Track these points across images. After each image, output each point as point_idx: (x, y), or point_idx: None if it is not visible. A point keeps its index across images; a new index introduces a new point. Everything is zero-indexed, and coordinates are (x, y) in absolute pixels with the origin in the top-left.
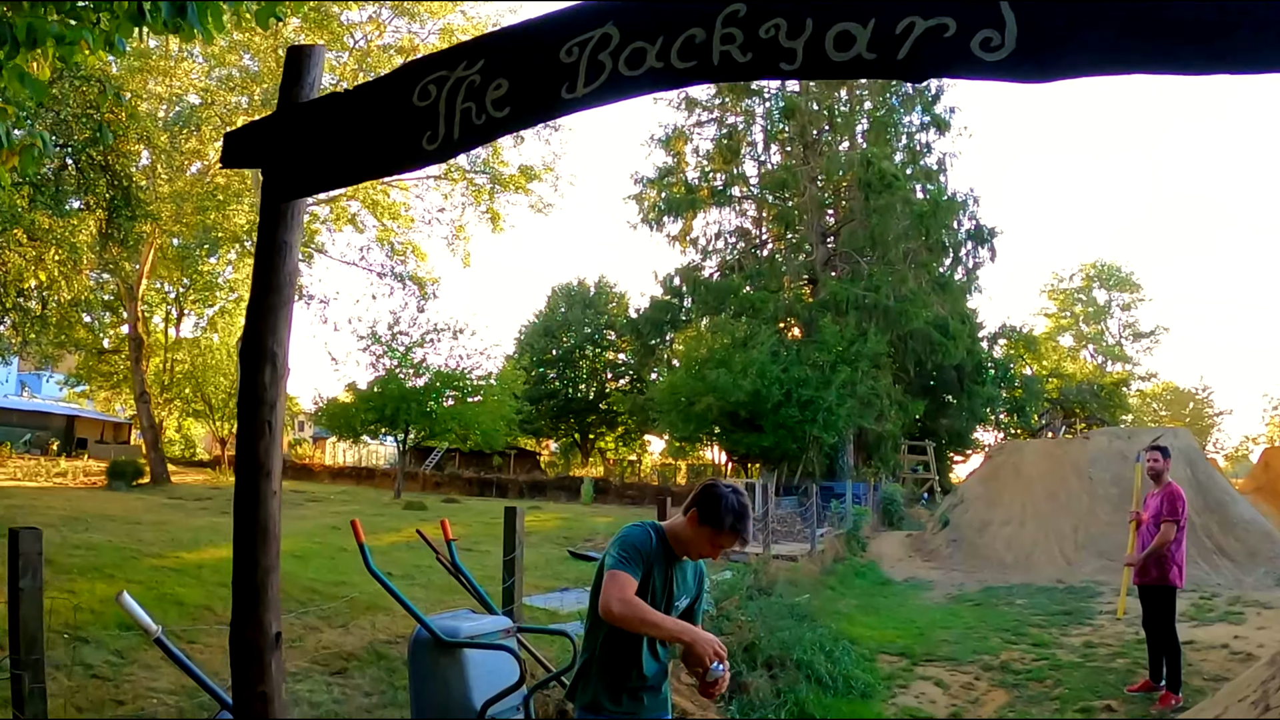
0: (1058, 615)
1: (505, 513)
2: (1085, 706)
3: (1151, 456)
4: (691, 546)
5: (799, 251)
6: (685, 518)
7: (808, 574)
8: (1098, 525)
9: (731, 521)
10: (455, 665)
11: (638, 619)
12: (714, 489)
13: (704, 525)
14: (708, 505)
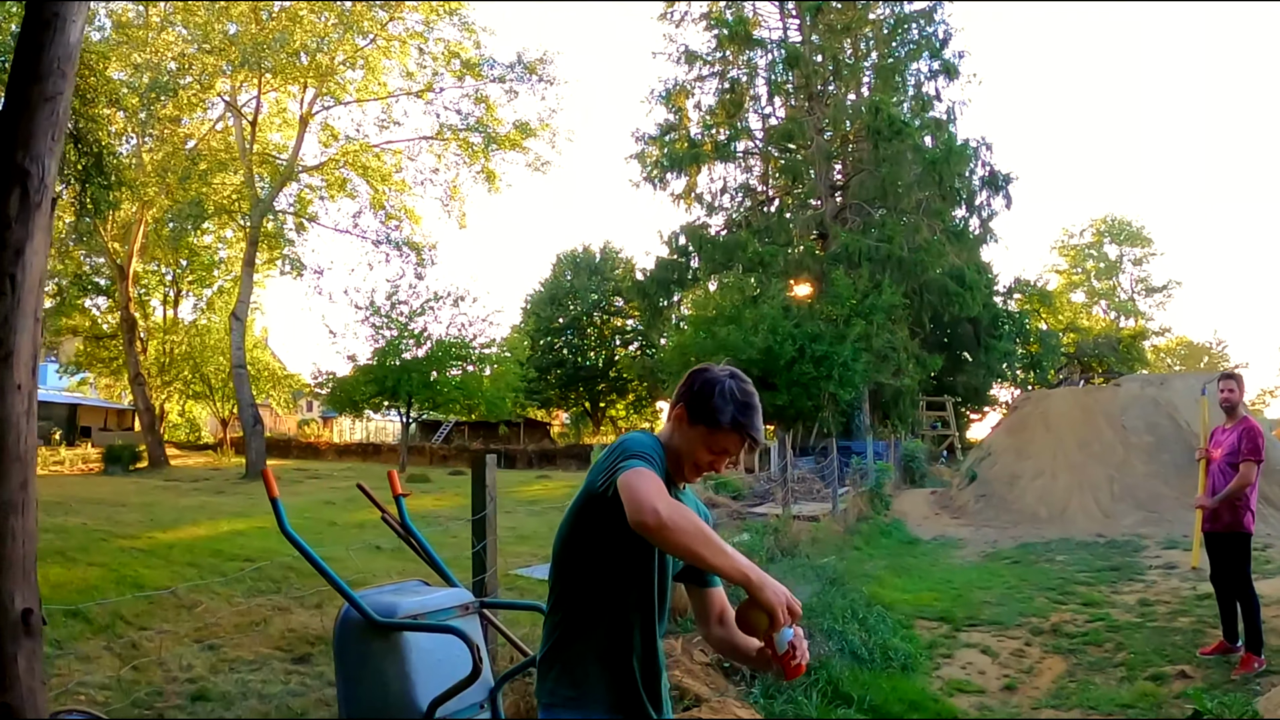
0: (1104, 571)
1: (473, 464)
2: (1156, 674)
3: (1226, 386)
4: (683, 460)
5: (807, 205)
6: (670, 419)
7: (831, 534)
8: (1134, 476)
9: (733, 414)
10: (393, 653)
11: (693, 532)
12: (705, 372)
13: (696, 424)
14: (699, 395)
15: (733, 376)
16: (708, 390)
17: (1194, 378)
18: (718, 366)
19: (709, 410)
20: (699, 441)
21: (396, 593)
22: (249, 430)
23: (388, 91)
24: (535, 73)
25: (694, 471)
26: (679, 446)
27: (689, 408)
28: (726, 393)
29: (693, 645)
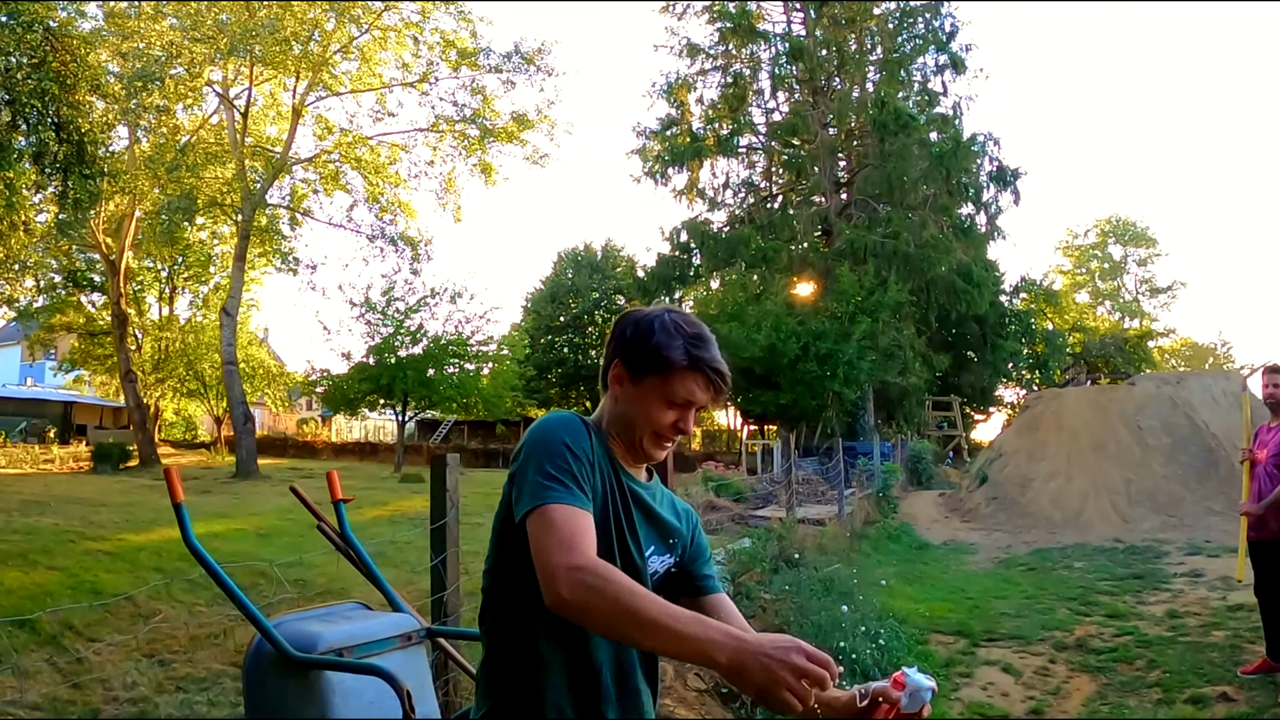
0: (1127, 580)
1: (431, 465)
2: (1195, 695)
3: (1271, 380)
4: (637, 431)
5: (811, 201)
6: (608, 386)
7: (837, 539)
8: (1152, 478)
9: (685, 348)
10: (310, 694)
11: (615, 609)
12: (634, 314)
13: (642, 378)
14: (636, 341)
15: (669, 311)
16: (645, 330)
17: (1210, 377)
18: (647, 308)
19: (654, 354)
20: (652, 399)
21: (324, 619)
22: (240, 428)
23: (382, 82)
24: (533, 63)
25: (655, 442)
26: (627, 416)
27: (628, 361)
28: (669, 326)
29: (687, 669)
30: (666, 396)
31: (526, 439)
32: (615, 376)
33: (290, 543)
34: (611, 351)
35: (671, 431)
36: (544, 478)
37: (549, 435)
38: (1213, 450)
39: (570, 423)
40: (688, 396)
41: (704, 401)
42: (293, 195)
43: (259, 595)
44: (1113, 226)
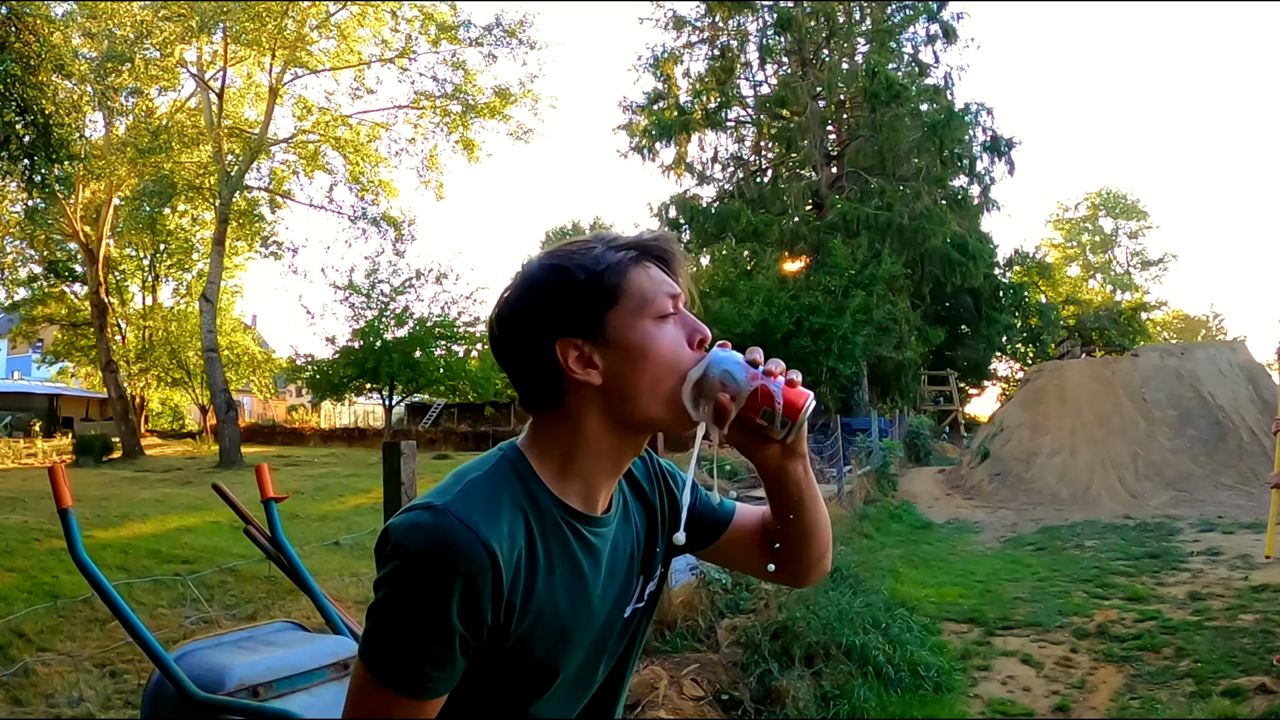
0: (1142, 559)
1: (385, 454)
2: (1231, 687)
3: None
4: (659, 399)
5: (801, 175)
6: (556, 400)
7: (838, 519)
8: (1159, 452)
9: (605, 250)
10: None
11: None
12: (521, 276)
13: (599, 326)
14: (560, 290)
15: (592, 238)
16: (557, 271)
17: (1214, 348)
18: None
19: (597, 277)
20: (643, 335)
21: (242, 646)
22: (222, 417)
23: (361, 59)
24: (515, 36)
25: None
26: (632, 393)
27: (575, 322)
28: (569, 250)
29: (683, 674)
30: (650, 315)
31: (394, 566)
32: (577, 361)
33: None
34: (526, 343)
35: (696, 350)
36: (404, 648)
37: (428, 605)
38: (1220, 423)
39: (456, 567)
40: (666, 290)
41: (681, 289)
42: (272, 177)
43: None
44: (1103, 199)
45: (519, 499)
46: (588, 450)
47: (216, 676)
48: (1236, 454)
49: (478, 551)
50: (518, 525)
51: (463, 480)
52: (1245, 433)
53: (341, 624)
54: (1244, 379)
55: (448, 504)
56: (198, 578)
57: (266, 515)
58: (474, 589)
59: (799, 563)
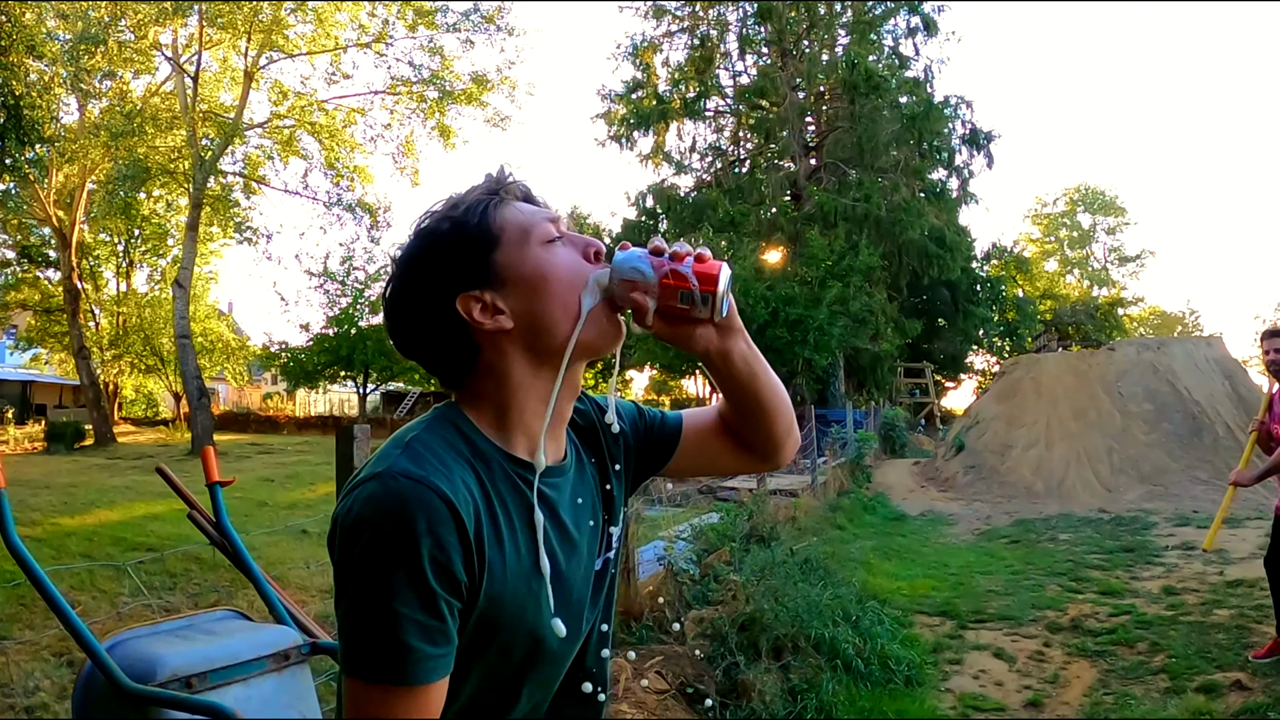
0: (1116, 553)
1: (338, 438)
2: (1206, 684)
3: (1271, 345)
4: (565, 319)
5: (780, 166)
6: (475, 364)
7: (811, 511)
8: (1135, 446)
9: (471, 205)
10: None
11: None
12: (406, 247)
13: (490, 272)
14: (431, 259)
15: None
16: (429, 237)
17: (1191, 343)
18: None
19: (472, 223)
20: (536, 267)
21: (180, 635)
22: (195, 403)
23: (337, 43)
24: (493, 22)
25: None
26: (543, 322)
27: (465, 275)
28: (438, 212)
29: (647, 666)
30: (537, 240)
31: (353, 547)
32: (483, 312)
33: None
34: (425, 318)
35: (595, 263)
36: (388, 631)
37: (399, 574)
38: (1196, 417)
39: (417, 526)
40: (543, 215)
41: (555, 213)
42: (247, 162)
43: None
44: (1081, 195)
45: (464, 451)
46: (522, 399)
47: (149, 666)
48: (1212, 449)
49: (435, 503)
50: (469, 477)
51: (402, 443)
52: (1221, 428)
53: (285, 613)
54: (1220, 374)
55: (391, 467)
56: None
57: (211, 499)
58: (440, 543)
59: (769, 440)
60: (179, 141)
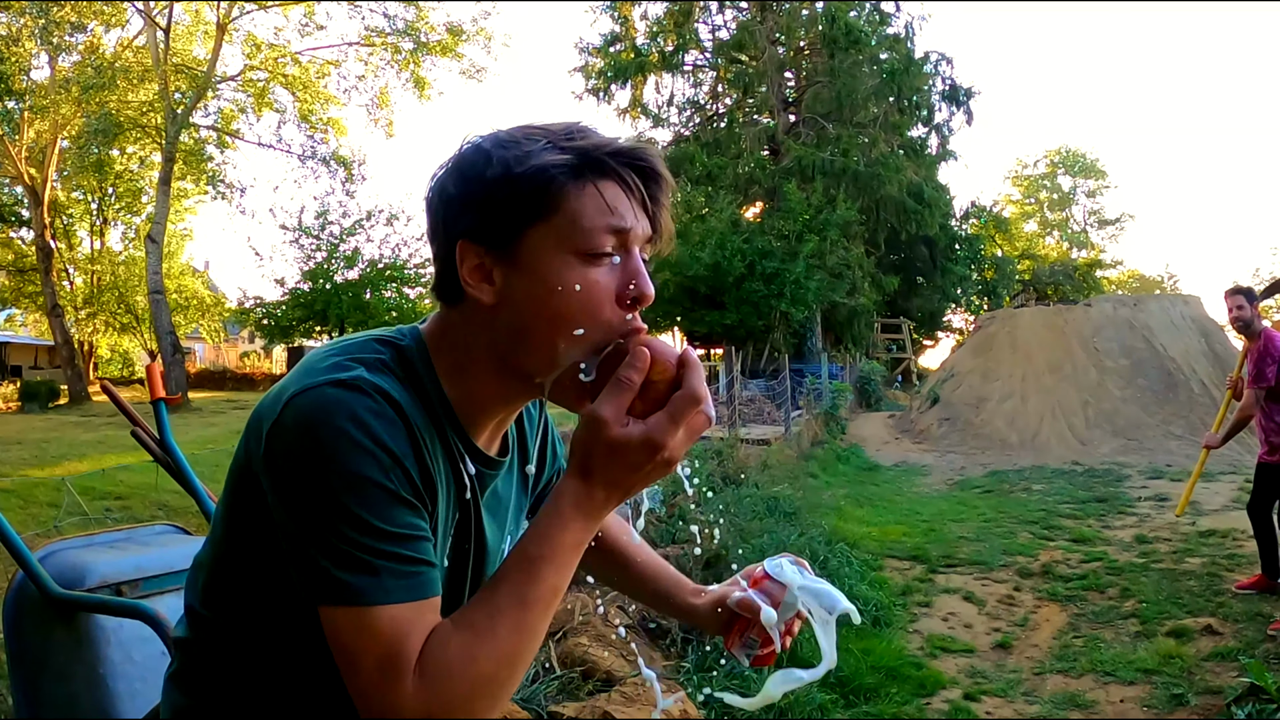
0: (1089, 503)
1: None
2: (1177, 628)
3: (1233, 303)
4: (551, 353)
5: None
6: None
7: (784, 459)
8: (1110, 400)
9: (558, 149)
10: (78, 642)
11: (503, 674)
12: (441, 170)
13: (514, 244)
14: (470, 191)
15: (496, 132)
16: (478, 164)
17: (1167, 300)
18: None
19: (515, 186)
20: (558, 272)
21: (113, 546)
22: (169, 359)
23: None
24: None
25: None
26: (522, 334)
27: (478, 229)
28: (512, 139)
29: (609, 600)
30: (577, 248)
31: (298, 449)
32: (472, 271)
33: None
34: (440, 230)
35: (624, 311)
36: (354, 548)
37: (347, 466)
38: (1171, 374)
39: (370, 424)
40: (611, 224)
41: (645, 233)
42: (220, 116)
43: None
44: (1062, 157)
45: (416, 399)
46: (474, 372)
47: (78, 574)
48: (1187, 405)
49: (380, 399)
50: (417, 414)
51: (347, 353)
52: (1196, 384)
53: None
54: (1197, 332)
55: (326, 378)
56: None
57: (156, 416)
58: (394, 425)
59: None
60: (151, 95)
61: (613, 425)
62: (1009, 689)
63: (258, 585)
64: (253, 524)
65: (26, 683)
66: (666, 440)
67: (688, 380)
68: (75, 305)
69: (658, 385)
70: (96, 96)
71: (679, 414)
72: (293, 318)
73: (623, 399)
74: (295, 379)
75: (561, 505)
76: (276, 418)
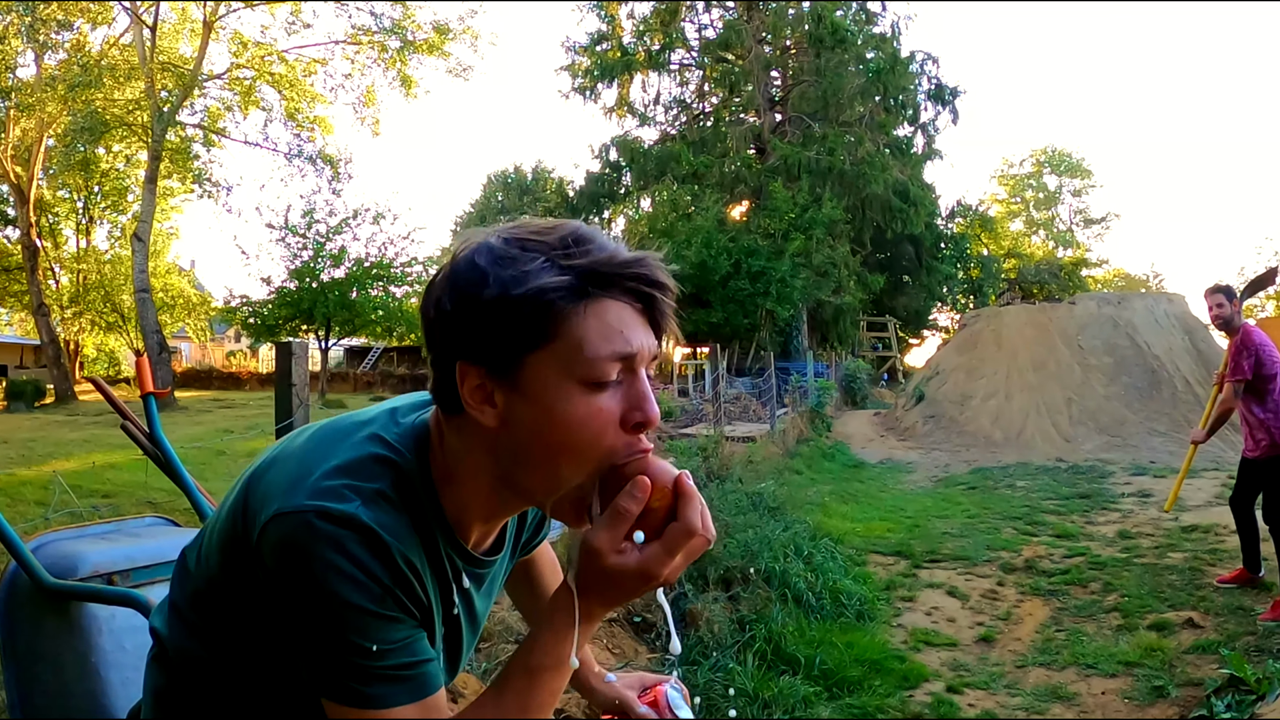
0: (1073, 499)
1: (277, 355)
2: (1158, 622)
3: (1214, 301)
4: (554, 482)
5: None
6: (455, 409)
7: (769, 456)
8: (1094, 398)
9: (557, 268)
10: (69, 631)
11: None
12: (438, 278)
13: (514, 371)
14: (464, 313)
15: (495, 233)
16: (473, 283)
17: (1152, 298)
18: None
19: (509, 312)
20: (559, 402)
21: (104, 537)
22: (154, 358)
23: None
24: None
25: (577, 503)
26: (523, 458)
27: (477, 353)
28: (509, 248)
29: None
30: (579, 377)
31: (293, 577)
32: (473, 392)
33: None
34: (439, 345)
35: (630, 442)
36: (354, 667)
37: (340, 596)
38: (1155, 371)
39: (362, 558)
40: (616, 351)
41: (651, 350)
42: (207, 114)
43: None
44: (1049, 157)
45: (411, 526)
46: (473, 485)
47: (70, 564)
48: (1170, 402)
49: (377, 544)
50: (411, 544)
51: (346, 475)
52: (1180, 382)
53: None
54: (1180, 330)
55: (321, 506)
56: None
57: (145, 410)
58: (390, 561)
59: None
60: (137, 93)
61: (608, 555)
62: (991, 682)
63: (244, 622)
64: (245, 585)
65: (20, 672)
66: (661, 571)
67: (683, 512)
68: (61, 304)
69: (656, 511)
70: (83, 94)
71: (674, 547)
72: (279, 316)
73: (619, 529)
74: (294, 486)
75: (559, 621)
76: (266, 528)
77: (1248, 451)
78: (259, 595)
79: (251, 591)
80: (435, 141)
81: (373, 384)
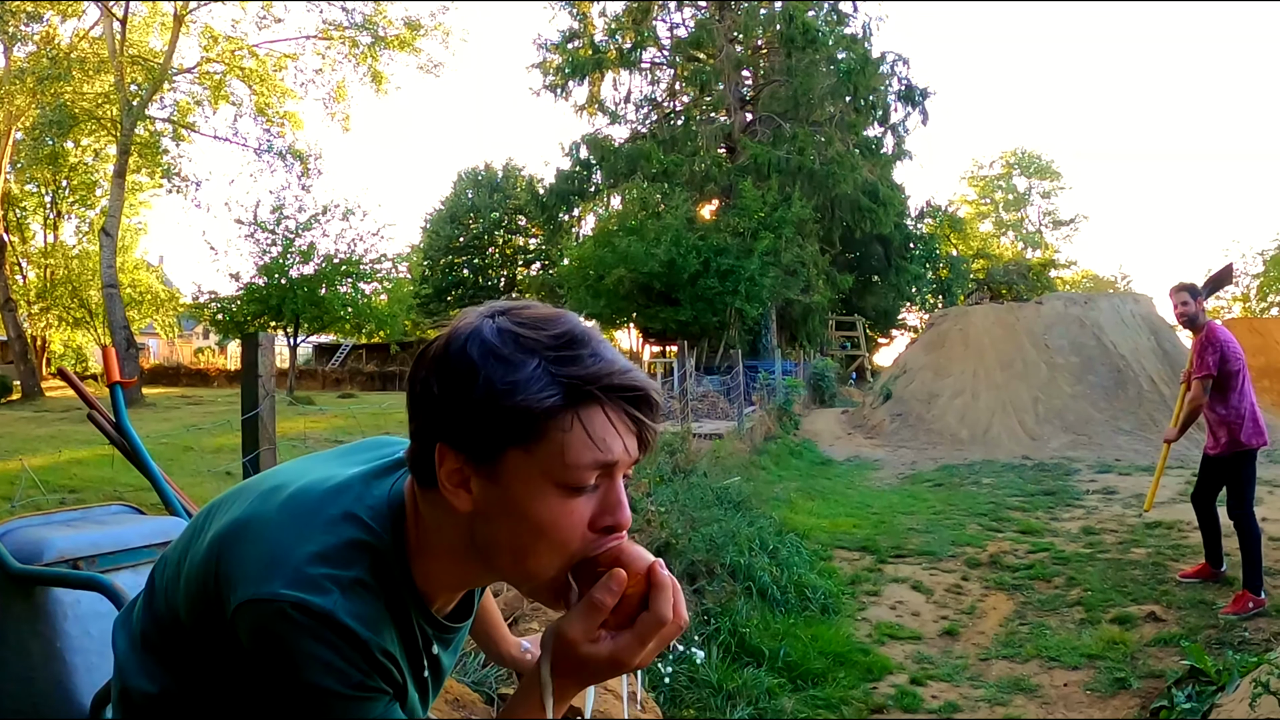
0: (1038, 496)
1: (243, 345)
2: (1121, 615)
3: (1177, 299)
4: (528, 573)
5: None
6: (431, 484)
7: (736, 453)
8: (1060, 397)
9: (547, 373)
10: (34, 616)
11: None
12: (428, 350)
13: (495, 463)
14: (452, 402)
15: (493, 313)
16: (463, 371)
17: (1118, 298)
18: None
19: (494, 411)
20: (536, 500)
21: (69, 524)
22: (122, 354)
23: None
24: None
25: (553, 588)
26: (499, 548)
27: (459, 442)
28: (503, 342)
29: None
30: (557, 479)
31: (272, 658)
32: (450, 475)
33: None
34: (421, 421)
35: (599, 543)
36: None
37: (316, 683)
38: (1121, 370)
39: (340, 647)
40: (597, 459)
41: (631, 457)
42: (176, 108)
43: None
44: (1018, 159)
45: (385, 609)
46: (444, 560)
47: (36, 549)
48: (1136, 401)
49: (353, 635)
50: (386, 628)
51: (325, 563)
52: (1145, 381)
53: (179, 505)
54: (1146, 330)
55: (299, 598)
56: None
57: (112, 400)
58: (366, 657)
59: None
60: (107, 87)
61: (582, 645)
62: (955, 674)
63: (212, 667)
64: (216, 642)
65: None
66: (632, 660)
67: (655, 602)
68: (28, 300)
69: (630, 599)
70: (51, 87)
71: (646, 636)
72: (248, 313)
73: (593, 620)
74: (270, 569)
75: (534, 695)
76: (241, 609)
77: (1209, 448)
78: (232, 654)
79: (223, 649)
80: (406, 138)
81: (341, 381)
